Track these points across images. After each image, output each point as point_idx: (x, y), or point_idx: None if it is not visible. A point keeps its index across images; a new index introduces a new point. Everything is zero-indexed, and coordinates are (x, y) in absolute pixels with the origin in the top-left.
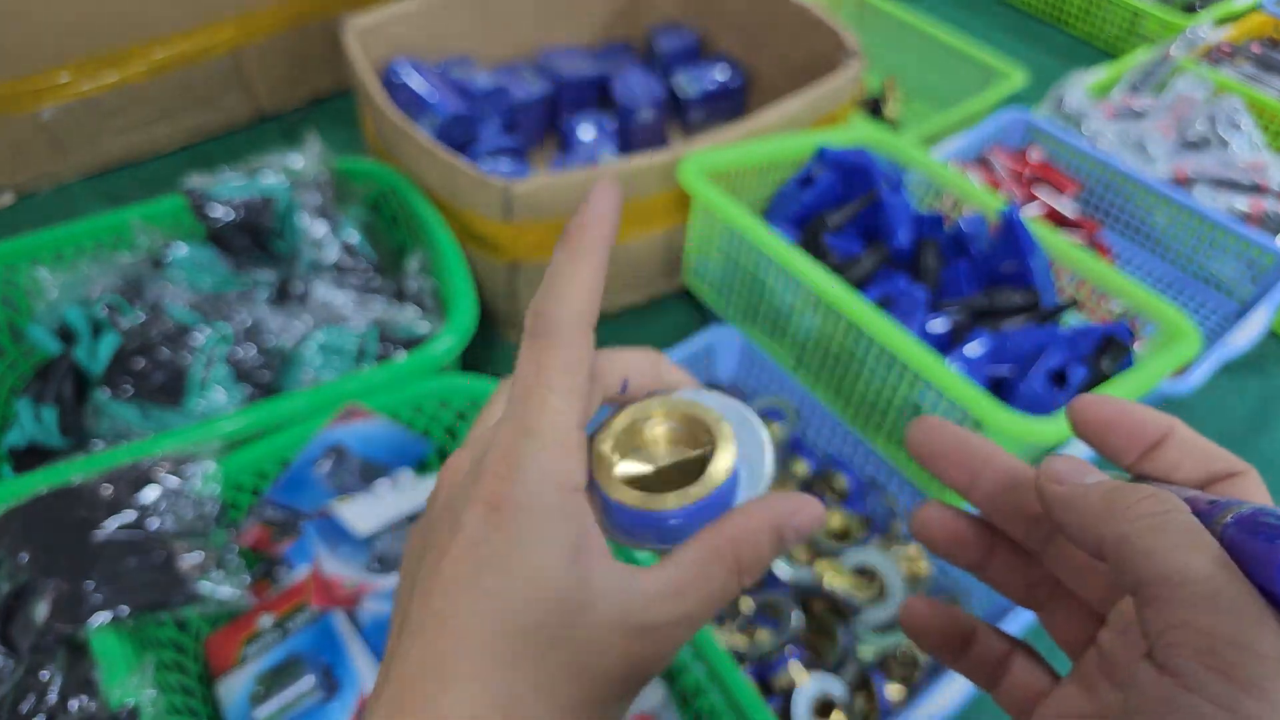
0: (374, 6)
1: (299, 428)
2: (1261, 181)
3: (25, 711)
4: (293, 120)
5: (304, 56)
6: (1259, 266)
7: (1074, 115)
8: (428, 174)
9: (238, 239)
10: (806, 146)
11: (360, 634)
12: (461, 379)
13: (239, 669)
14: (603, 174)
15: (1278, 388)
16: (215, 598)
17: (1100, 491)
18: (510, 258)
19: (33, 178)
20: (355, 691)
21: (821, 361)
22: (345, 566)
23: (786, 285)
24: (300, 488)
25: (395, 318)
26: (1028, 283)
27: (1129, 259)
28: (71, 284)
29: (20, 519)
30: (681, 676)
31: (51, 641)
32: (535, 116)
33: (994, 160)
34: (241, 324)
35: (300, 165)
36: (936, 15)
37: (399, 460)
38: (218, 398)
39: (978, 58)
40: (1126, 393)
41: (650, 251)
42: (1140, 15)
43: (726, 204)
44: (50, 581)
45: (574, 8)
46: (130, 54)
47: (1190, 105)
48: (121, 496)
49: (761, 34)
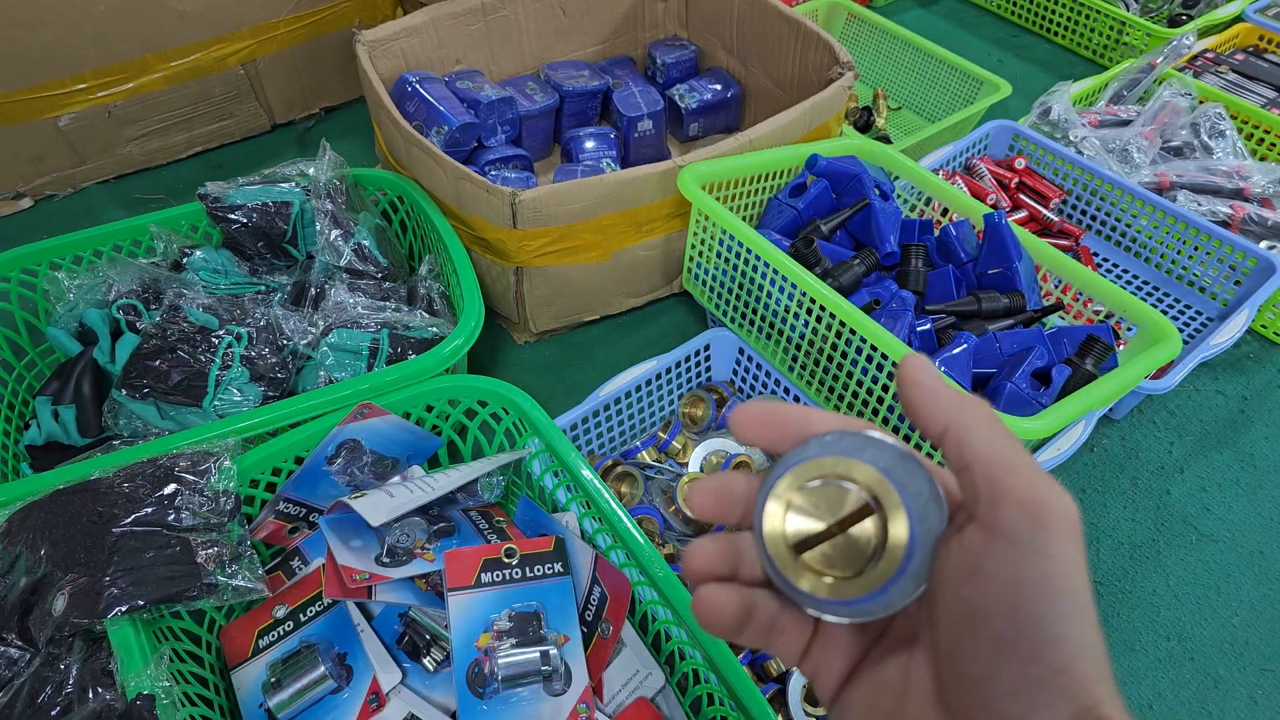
0: (384, 21)
1: (313, 425)
2: (1244, 187)
3: (42, 701)
4: (305, 129)
5: (316, 68)
6: (1241, 270)
7: (1060, 124)
8: (437, 182)
9: (253, 244)
10: (800, 156)
11: (372, 624)
12: (470, 379)
13: (254, 659)
14: (605, 182)
15: (1257, 387)
16: (231, 589)
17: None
18: (516, 263)
19: (50, 183)
20: (367, 680)
21: (813, 362)
22: (358, 559)
23: (780, 289)
24: (314, 483)
25: (406, 320)
26: (1013, 286)
27: (1112, 263)
28: (90, 287)
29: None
30: (681, 664)
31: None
32: (540, 127)
33: (981, 168)
34: (257, 326)
35: (314, 173)
36: (926, 28)
37: (410, 456)
38: (234, 397)
39: (966, 69)
40: (1110, 392)
41: (650, 257)
42: (1126, 26)
43: (723, 211)
44: (68, 575)
45: (577, 23)
46: (146, 64)
47: (1174, 113)
48: (140, 492)
49: (757, 48)
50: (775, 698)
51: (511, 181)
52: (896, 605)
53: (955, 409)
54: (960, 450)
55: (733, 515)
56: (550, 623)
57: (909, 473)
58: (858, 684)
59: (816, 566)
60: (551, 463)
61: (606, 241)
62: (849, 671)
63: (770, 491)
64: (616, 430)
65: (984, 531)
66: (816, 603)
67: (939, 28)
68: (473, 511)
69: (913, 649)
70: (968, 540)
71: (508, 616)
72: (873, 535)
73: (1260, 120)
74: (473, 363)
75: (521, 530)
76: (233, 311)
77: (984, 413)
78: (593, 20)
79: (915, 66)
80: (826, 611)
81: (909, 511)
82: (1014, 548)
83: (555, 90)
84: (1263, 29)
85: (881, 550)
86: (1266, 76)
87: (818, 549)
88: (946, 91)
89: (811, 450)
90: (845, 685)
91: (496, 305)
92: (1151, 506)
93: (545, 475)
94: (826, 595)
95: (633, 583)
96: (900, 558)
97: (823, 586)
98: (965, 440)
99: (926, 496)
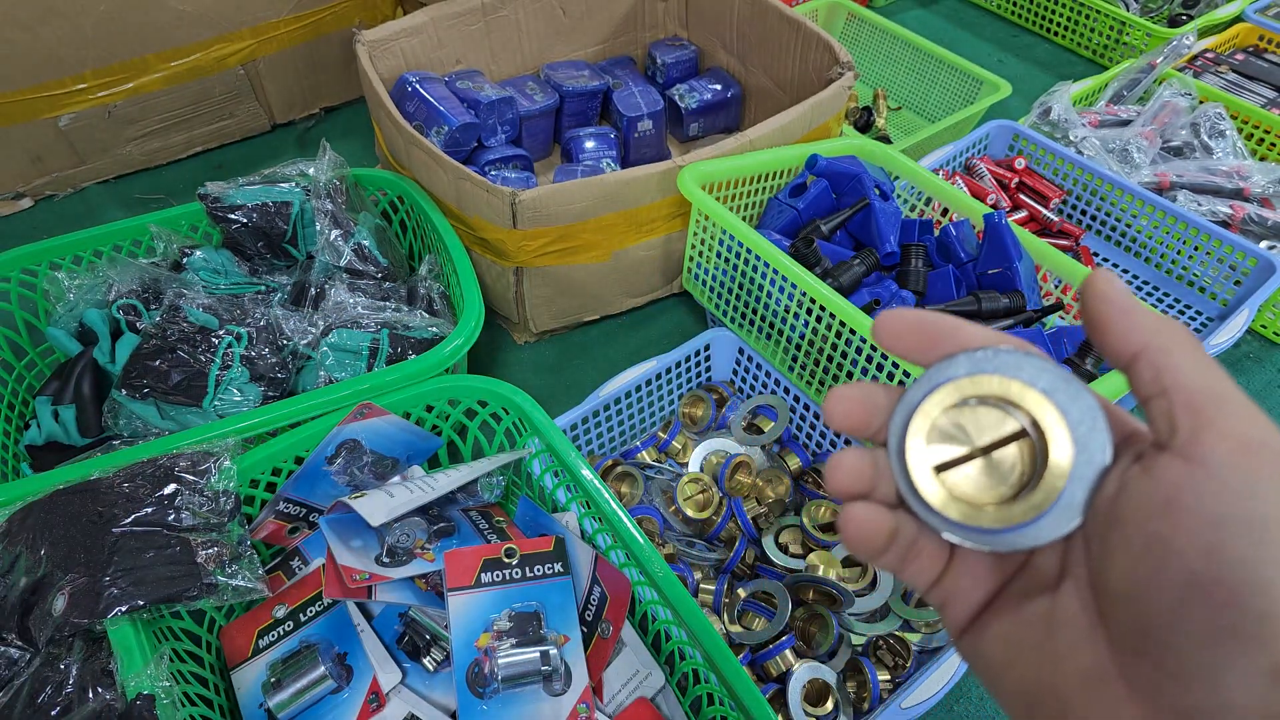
0: (384, 21)
1: (313, 425)
2: (1244, 187)
3: (43, 701)
4: (305, 129)
5: (316, 68)
6: (1241, 270)
7: (1060, 124)
8: (437, 182)
9: (253, 244)
10: (800, 156)
11: (372, 624)
12: (470, 379)
13: (254, 659)
14: (605, 182)
15: (1257, 387)
16: (231, 589)
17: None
18: (516, 263)
19: (50, 183)
20: (367, 680)
21: (813, 363)
22: (358, 559)
23: (780, 289)
24: (314, 483)
25: (406, 320)
26: (1013, 286)
27: (1113, 263)
28: (90, 287)
29: (39, 514)
30: (681, 664)
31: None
32: (540, 127)
33: (981, 168)
34: (257, 326)
35: (314, 173)
36: (926, 28)
37: (410, 456)
38: (234, 397)
39: (966, 69)
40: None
41: (650, 257)
42: (1126, 26)
43: (723, 211)
44: (68, 575)
45: (577, 24)
46: (146, 64)
47: (1174, 113)
48: (140, 492)
49: (757, 48)
50: (775, 698)
51: (511, 181)
52: (1046, 539)
53: (1154, 330)
54: (1159, 375)
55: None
56: (550, 623)
57: (1072, 396)
58: (997, 615)
59: (960, 491)
60: (551, 463)
61: (606, 241)
62: (985, 603)
63: (916, 408)
64: (616, 430)
65: (1185, 463)
66: (958, 530)
67: (939, 28)
68: (473, 511)
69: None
70: (1160, 472)
71: (508, 616)
72: (1026, 462)
73: (1260, 120)
74: (473, 363)
75: (521, 530)
76: (233, 311)
77: (1187, 337)
78: (593, 20)
79: (915, 66)
80: (970, 540)
81: (1074, 439)
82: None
83: (555, 90)
84: (1263, 29)
85: (1036, 479)
86: (1266, 76)
87: (962, 472)
88: (946, 91)
89: (961, 366)
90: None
91: (496, 305)
92: None
93: (545, 475)
94: (970, 522)
95: (633, 583)
96: (1059, 488)
97: (966, 513)
98: (1165, 365)
99: (1091, 425)
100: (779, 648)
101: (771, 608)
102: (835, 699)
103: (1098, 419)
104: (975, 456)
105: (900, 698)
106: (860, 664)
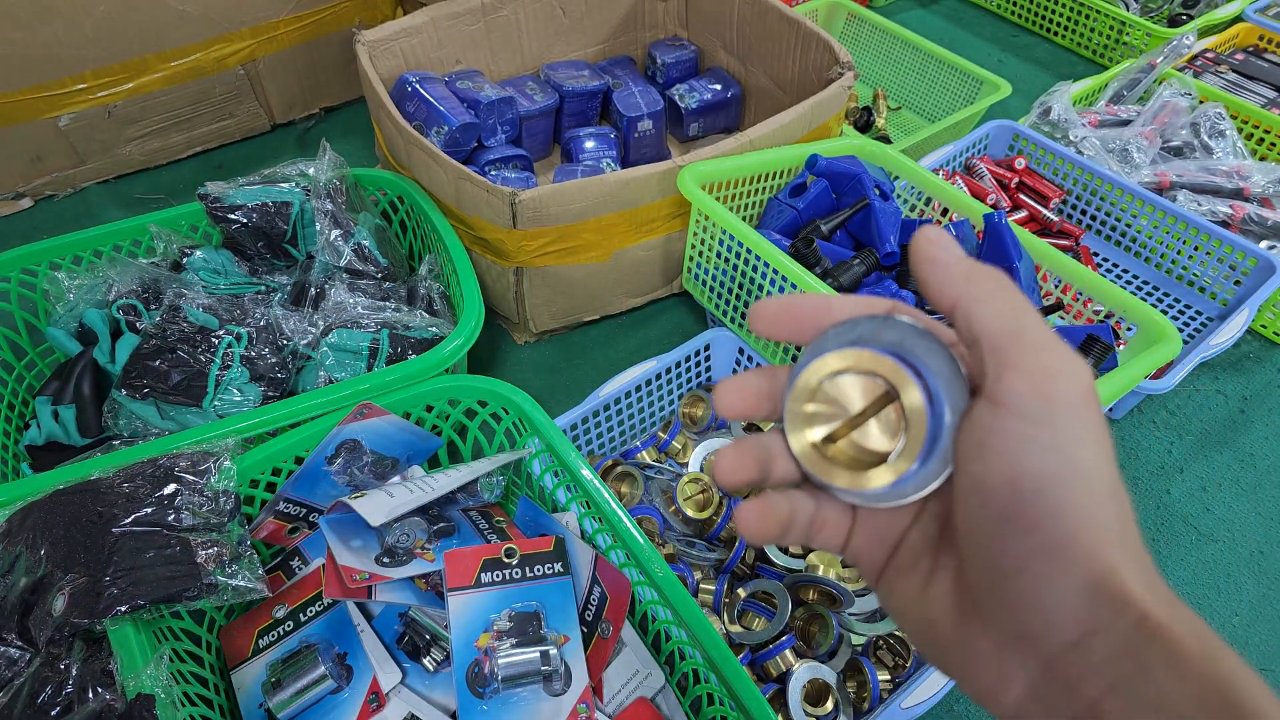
0: (384, 21)
1: (313, 425)
2: (1244, 187)
3: (43, 701)
4: (305, 129)
5: (316, 68)
6: (1241, 270)
7: (1060, 124)
8: (437, 182)
9: (253, 244)
10: (800, 156)
11: (372, 624)
12: (470, 379)
13: (254, 659)
14: (605, 182)
15: (1257, 387)
16: (231, 589)
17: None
18: (516, 263)
19: (50, 183)
20: (367, 680)
21: None
22: (358, 559)
23: (780, 289)
24: (314, 483)
25: (406, 320)
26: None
27: (1113, 263)
28: (90, 287)
29: (39, 514)
30: (681, 664)
31: (69, 634)
32: (540, 127)
33: (981, 168)
34: (257, 326)
35: (314, 173)
36: (926, 28)
37: (410, 456)
38: (234, 397)
39: (966, 69)
40: (1110, 392)
41: (650, 257)
42: (1126, 26)
43: (723, 211)
44: (68, 575)
45: (577, 24)
46: (146, 64)
47: (1174, 113)
48: (140, 492)
49: (757, 48)
50: (775, 698)
51: (511, 181)
52: (927, 488)
53: (966, 281)
54: (970, 324)
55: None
56: (550, 623)
57: (928, 350)
58: (893, 569)
59: (846, 457)
60: (551, 463)
61: (606, 241)
62: (888, 558)
63: (793, 388)
64: (616, 430)
65: (990, 405)
66: (848, 493)
67: (939, 28)
68: (473, 511)
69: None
70: (974, 416)
71: (508, 616)
72: (895, 421)
73: (1260, 120)
74: (473, 363)
75: (521, 530)
76: (233, 311)
77: (995, 283)
78: (593, 20)
79: (915, 66)
80: (860, 500)
81: (928, 392)
82: (1017, 420)
83: (555, 90)
84: (1263, 29)
85: (905, 434)
86: (1266, 76)
87: (845, 440)
88: (946, 91)
89: (829, 342)
90: (884, 570)
91: (496, 305)
92: (1151, 506)
93: (545, 475)
94: (857, 487)
95: (633, 583)
96: (923, 440)
97: (853, 480)
98: (974, 313)
99: (947, 375)
100: (779, 648)
101: (771, 608)
102: (835, 699)
103: (954, 369)
104: (851, 425)
105: (900, 698)
106: (860, 664)
